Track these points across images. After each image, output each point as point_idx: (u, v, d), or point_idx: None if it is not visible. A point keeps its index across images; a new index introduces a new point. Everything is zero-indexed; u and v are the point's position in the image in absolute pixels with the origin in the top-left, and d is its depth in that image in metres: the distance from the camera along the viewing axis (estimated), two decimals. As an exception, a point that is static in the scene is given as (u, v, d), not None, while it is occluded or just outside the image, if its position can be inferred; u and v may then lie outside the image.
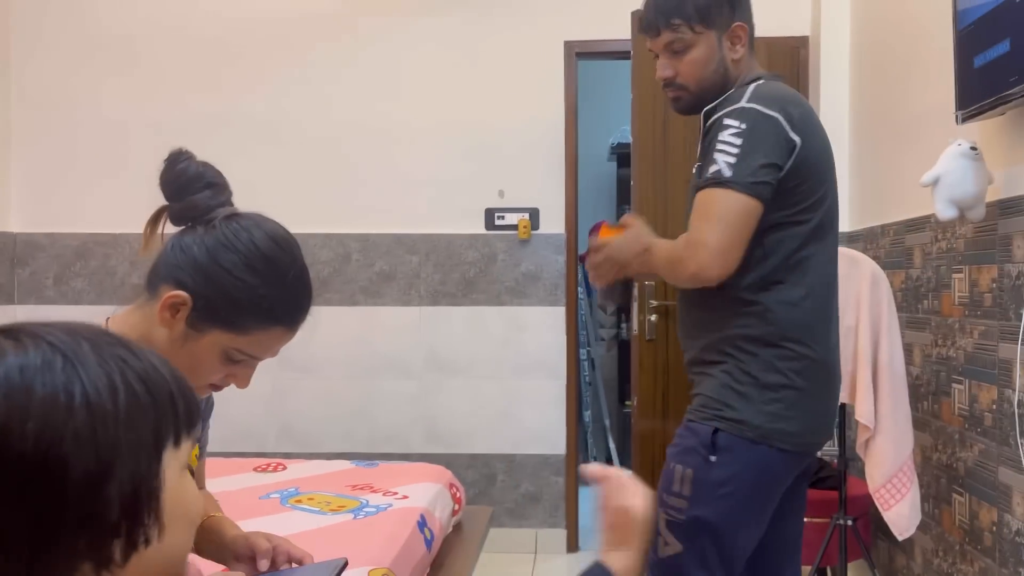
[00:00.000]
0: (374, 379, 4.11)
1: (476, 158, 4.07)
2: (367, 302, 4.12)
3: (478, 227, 4.09)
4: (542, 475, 4.07)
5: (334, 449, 4.01)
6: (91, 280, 4.19)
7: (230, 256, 1.18)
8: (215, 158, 1.27)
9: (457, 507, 2.76)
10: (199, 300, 1.17)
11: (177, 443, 0.68)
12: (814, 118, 1.82)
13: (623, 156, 5.30)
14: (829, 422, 1.90)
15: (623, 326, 5.77)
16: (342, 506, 2.48)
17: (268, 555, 1.35)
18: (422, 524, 2.38)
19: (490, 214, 4.08)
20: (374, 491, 2.64)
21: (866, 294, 2.61)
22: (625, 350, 5.54)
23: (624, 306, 5.49)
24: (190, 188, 1.21)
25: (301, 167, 4.11)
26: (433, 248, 4.10)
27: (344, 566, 1.24)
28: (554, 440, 4.07)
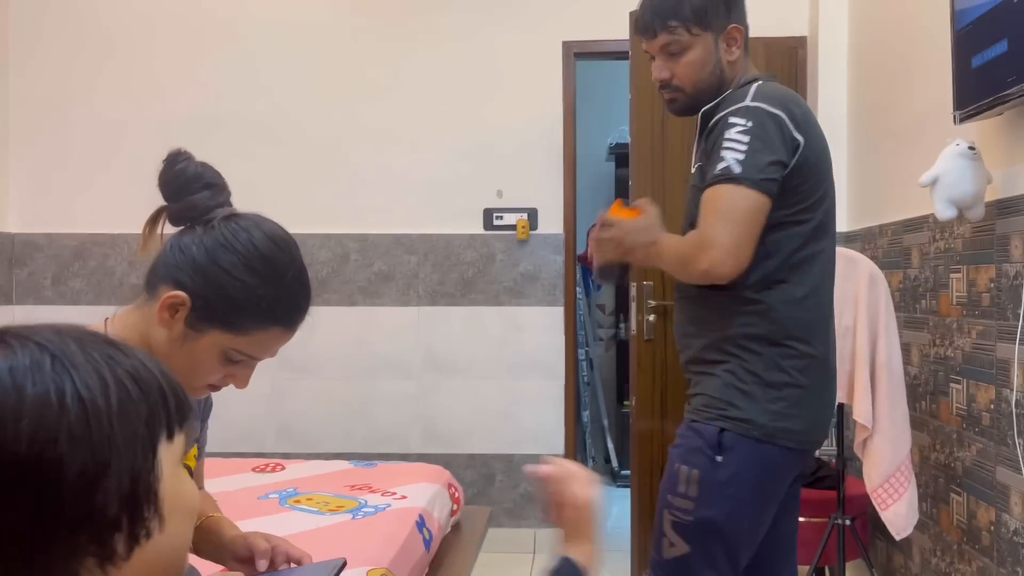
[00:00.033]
0: (372, 379, 4.11)
1: (474, 158, 4.07)
2: (366, 302, 4.12)
3: (476, 227, 4.09)
4: (540, 475, 4.06)
5: (333, 449, 4.01)
6: (89, 280, 4.19)
7: (229, 256, 1.18)
8: (213, 158, 1.27)
9: (455, 507, 2.76)
10: (198, 300, 1.17)
11: (170, 437, 0.68)
12: (813, 118, 1.83)
13: (621, 156, 5.30)
14: (829, 419, 1.91)
15: (621, 326, 5.78)
16: (340, 506, 2.48)
17: (267, 555, 1.35)
18: (421, 524, 2.38)
19: (488, 214, 4.08)
20: (372, 491, 2.64)
21: (864, 294, 2.62)
22: (623, 350, 5.54)
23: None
24: (189, 188, 1.21)
25: (300, 167, 4.11)
26: (431, 248, 4.10)
27: (343, 566, 1.24)
28: (552, 440, 4.07)
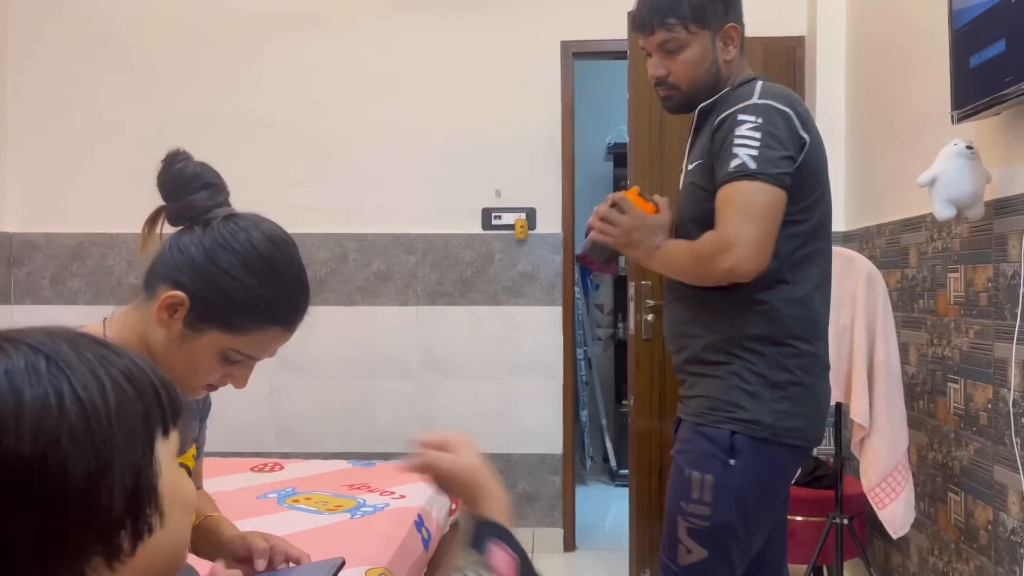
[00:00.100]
0: (371, 379, 4.12)
1: (473, 158, 4.07)
2: (364, 302, 4.12)
3: (475, 227, 4.09)
4: (539, 474, 4.07)
5: (331, 449, 4.01)
6: (88, 280, 4.19)
7: (228, 256, 1.18)
8: (212, 158, 1.27)
9: (454, 506, 2.76)
10: (197, 300, 1.17)
11: (166, 433, 0.69)
12: (812, 117, 1.84)
13: (620, 156, 5.30)
14: (827, 415, 1.92)
15: (619, 326, 5.78)
16: (339, 506, 2.48)
17: (265, 555, 1.35)
18: (419, 523, 2.39)
19: (487, 214, 4.08)
20: (371, 491, 2.64)
21: (862, 293, 2.62)
22: (621, 350, 5.54)
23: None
24: (187, 188, 1.21)
25: (299, 167, 4.11)
26: (430, 248, 4.10)
27: (341, 566, 1.24)
28: (551, 439, 4.07)
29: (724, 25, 1.86)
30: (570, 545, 4.09)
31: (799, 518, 2.93)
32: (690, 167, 1.89)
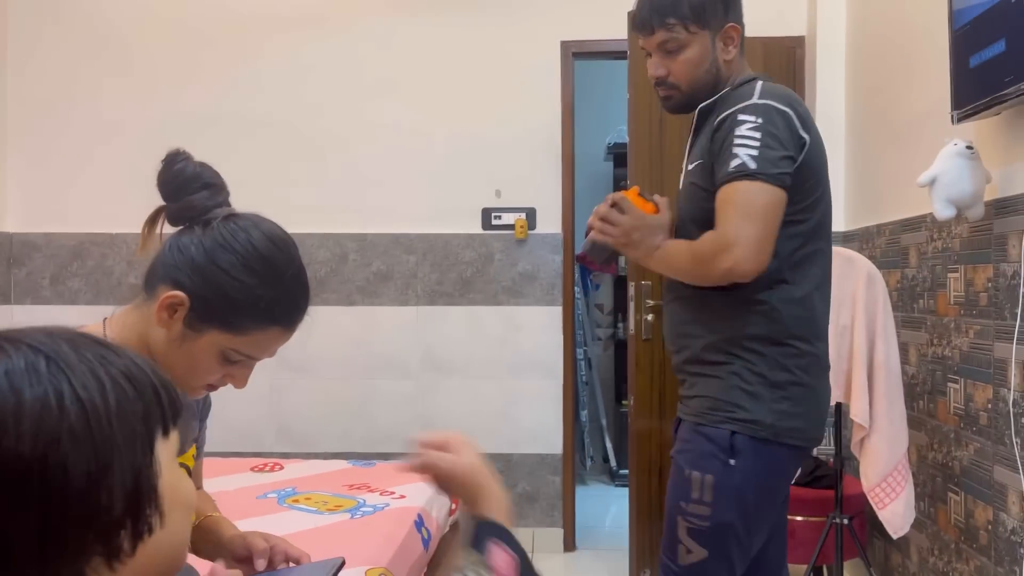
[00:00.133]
0: (371, 379, 4.12)
1: (473, 158, 4.07)
2: (364, 302, 4.12)
3: (475, 227, 4.09)
4: (539, 474, 4.07)
5: (331, 449, 4.01)
6: (88, 280, 4.19)
7: (228, 256, 1.18)
8: (212, 158, 1.27)
9: (454, 506, 2.76)
10: (197, 300, 1.17)
11: (166, 433, 0.69)
12: (812, 118, 1.84)
13: (620, 156, 5.30)
14: (827, 415, 1.93)
15: (619, 326, 5.78)
16: (339, 506, 2.48)
17: (265, 555, 1.35)
18: (419, 523, 2.39)
19: (487, 214, 4.08)
20: (371, 491, 2.64)
21: (862, 293, 2.62)
22: (622, 350, 5.54)
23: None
24: (187, 188, 1.21)
25: (298, 167, 4.11)
26: (430, 248, 4.10)
27: (341, 565, 1.24)
28: (551, 439, 4.07)
29: (724, 25, 1.86)
30: (570, 545, 4.09)
31: (799, 518, 2.93)
32: (690, 167, 1.89)
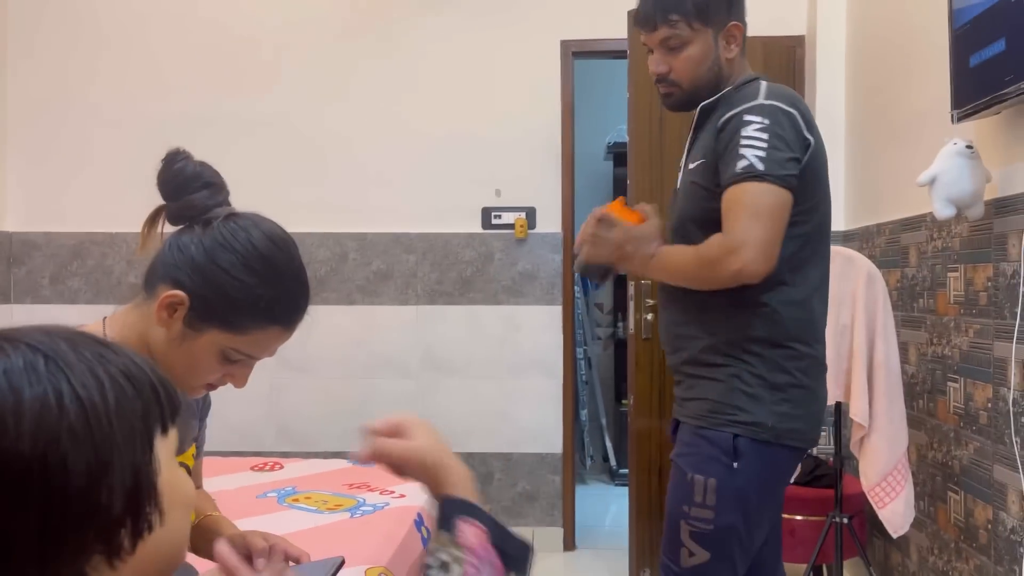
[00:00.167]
0: (371, 378, 4.12)
1: (473, 157, 4.07)
2: (364, 301, 4.12)
3: (475, 226, 4.09)
4: (539, 473, 4.07)
5: (331, 448, 4.01)
6: (88, 279, 4.19)
7: (228, 256, 1.18)
8: (212, 157, 1.27)
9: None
10: (196, 300, 1.17)
11: (164, 431, 0.69)
12: (814, 119, 1.84)
13: (620, 155, 5.30)
14: (823, 415, 1.93)
15: (619, 325, 5.78)
16: (339, 505, 2.48)
17: (265, 554, 1.35)
18: (419, 523, 2.39)
19: (487, 213, 4.08)
20: (371, 490, 2.64)
21: (862, 293, 2.62)
22: (621, 349, 5.54)
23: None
24: (187, 188, 1.21)
25: (299, 166, 4.11)
26: (430, 247, 4.10)
27: (341, 565, 1.24)
28: (551, 439, 4.07)
29: (727, 23, 1.85)
30: (570, 544, 4.09)
31: (799, 517, 2.93)
32: (691, 166, 1.87)
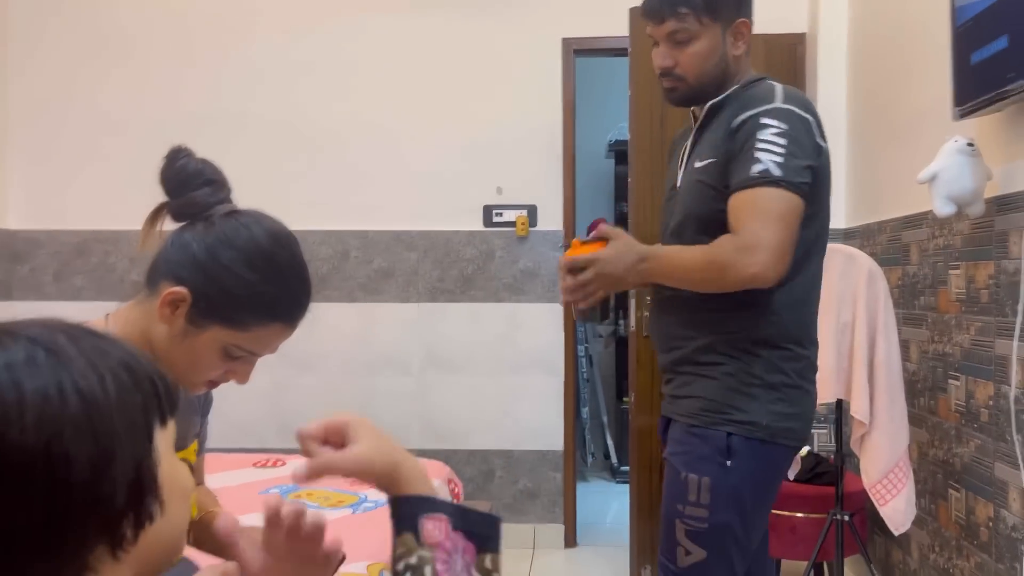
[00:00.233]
0: (373, 375, 4.12)
1: (474, 155, 4.07)
2: (366, 299, 4.13)
3: (476, 224, 4.09)
4: (540, 471, 4.08)
5: (333, 445, 4.01)
6: (91, 277, 4.19)
7: (229, 253, 1.18)
8: (214, 155, 1.27)
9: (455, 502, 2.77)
10: (198, 296, 1.18)
11: (163, 423, 0.70)
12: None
13: (621, 153, 5.30)
14: (814, 415, 1.93)
15: (620, 323, 5.78)
16: (341, 501, 2.49)
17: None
18: (420, 520, 2.39)
19: (488, 211, 4.08)
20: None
21: (863, 291, 2.62)
22: (623, 346, 5.54)
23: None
24: (189, 185, 1.21)
25: (300, 164, 4.11)
26: (432, 245, 4.10)
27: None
28: (552, 436, 4.08)
29: (736, 20, 1.83)
30: (571, 541, 4.09)
31: (800, 515, 2.93)
32: (697, 164, 1.84)
